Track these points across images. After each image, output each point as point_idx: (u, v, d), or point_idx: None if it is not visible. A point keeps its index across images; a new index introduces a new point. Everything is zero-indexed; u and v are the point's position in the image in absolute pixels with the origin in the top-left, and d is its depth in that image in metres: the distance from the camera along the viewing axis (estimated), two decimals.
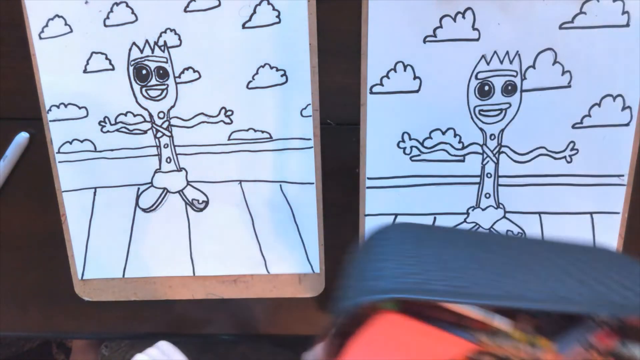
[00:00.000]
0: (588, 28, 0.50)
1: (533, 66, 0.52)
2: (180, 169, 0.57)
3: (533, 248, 0.35)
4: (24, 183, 0.59)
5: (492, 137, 0.54)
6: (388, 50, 0.52)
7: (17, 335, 0.73)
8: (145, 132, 0.56)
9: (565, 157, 0.54)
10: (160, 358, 0.52)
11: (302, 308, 0.59)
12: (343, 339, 0.27)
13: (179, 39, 0.53)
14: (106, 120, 0.56)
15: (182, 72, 0.54)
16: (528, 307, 0.27)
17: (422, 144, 0.54)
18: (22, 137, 0.57)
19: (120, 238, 0.59)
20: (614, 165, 0.54)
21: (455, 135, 0.54)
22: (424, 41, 0.52)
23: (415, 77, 0.53)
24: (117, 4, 0.53)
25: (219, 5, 0.52)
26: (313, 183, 0.56)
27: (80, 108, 0.56)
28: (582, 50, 0.51)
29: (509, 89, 0.52)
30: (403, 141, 0.54)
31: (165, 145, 0.56)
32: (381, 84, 0.53)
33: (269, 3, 0.52)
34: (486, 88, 0.52)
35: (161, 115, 0.55)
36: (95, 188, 0.58)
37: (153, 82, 0.55)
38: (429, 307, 0.28)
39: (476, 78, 0.52)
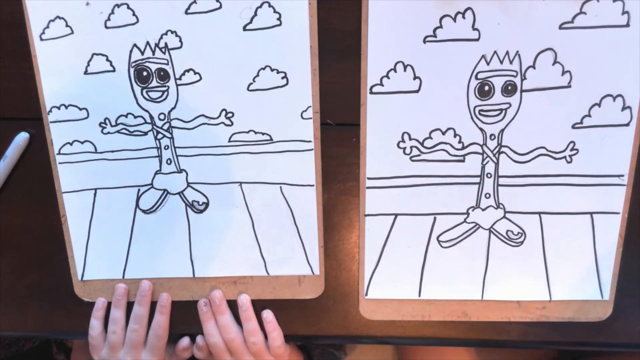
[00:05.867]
0: (588, 28, 0.51)
1: (533, 66, 0.52)
2: (180, 171, 0.57)
3: None
4: (24, 183, 0.59)
5: (492, 137, 0.54)
6: (388, 50, 0.52)
7: (17, 335, 0.73)
8: (145, 133, 0.56)
9: (565, 157, 0.54)
10: None
11: (302, 309, 0.59)
12: None
13: (180, 40, 0.53)
14: (107, 121, 0.56)
15: (183, 74, 0.54)
16: None
17: (422, 144, 0.54)
18: (22, 137, 0.57)
19: (121, 239, 0.59)
20: (614, 165, 0.54)
21: (455, 135, 0.54)
22: (424, 41, 0.52)
23: (415, 77, 0.53)
24: (118, 5, 0.53)
25: (220, 7, 0.52)
26: (313, 185, 0.56)
27: (80, 109, 0.56)
28: (582, 50, 0.51)
29: (509, 89, 0.52)
30: (403, 141, 0.54)
31: (166, 147, 0.56)
32: (381, 84, 0.53)
33: (269, 5, 0.52)
34: (486, 88, 0.53)
35: (162, 116, 0.55)
36: (95, 189, 0.58)
37: (154, 83, 0.55)
38: None
39: (476, 78, 0.52)
